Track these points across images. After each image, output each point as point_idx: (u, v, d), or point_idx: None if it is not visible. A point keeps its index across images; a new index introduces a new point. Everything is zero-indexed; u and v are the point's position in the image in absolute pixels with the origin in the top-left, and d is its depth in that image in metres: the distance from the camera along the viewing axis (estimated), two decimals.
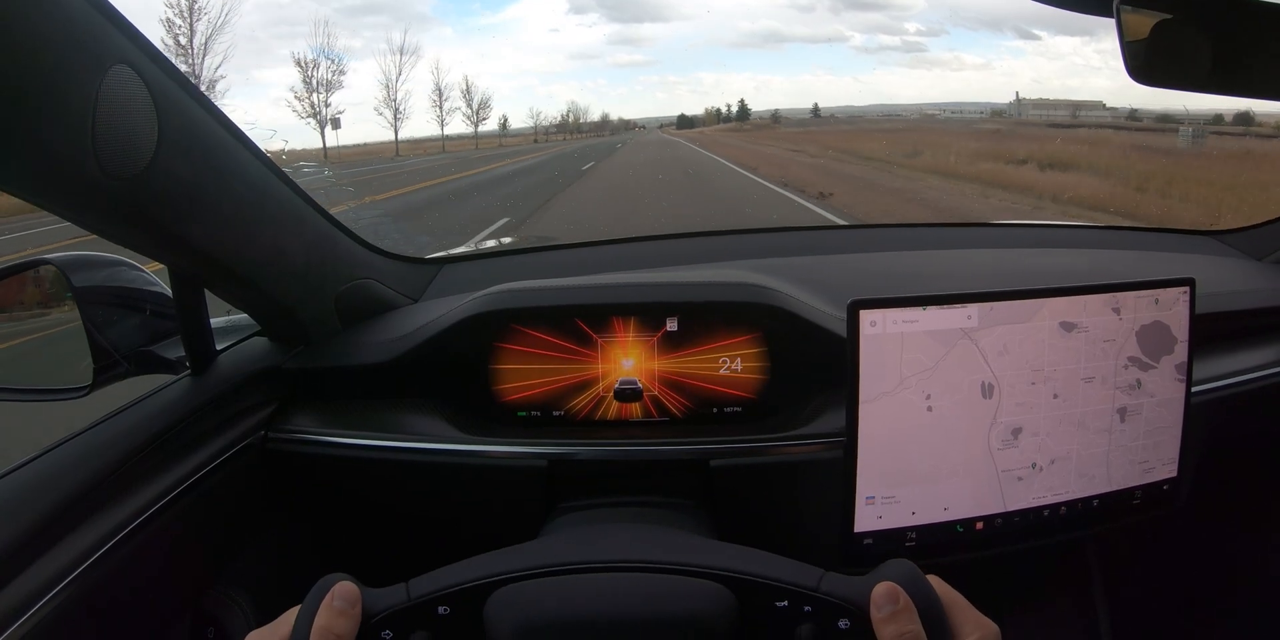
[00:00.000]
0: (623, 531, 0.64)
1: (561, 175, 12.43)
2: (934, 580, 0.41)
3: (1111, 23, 0.61)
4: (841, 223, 5.75)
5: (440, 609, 0.41)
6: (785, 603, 0.41)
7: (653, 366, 0.76)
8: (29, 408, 0.68)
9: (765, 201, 8.72)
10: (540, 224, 7.25)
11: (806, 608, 0.41)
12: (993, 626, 0.40)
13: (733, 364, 0.76)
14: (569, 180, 11.61)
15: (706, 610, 0.41)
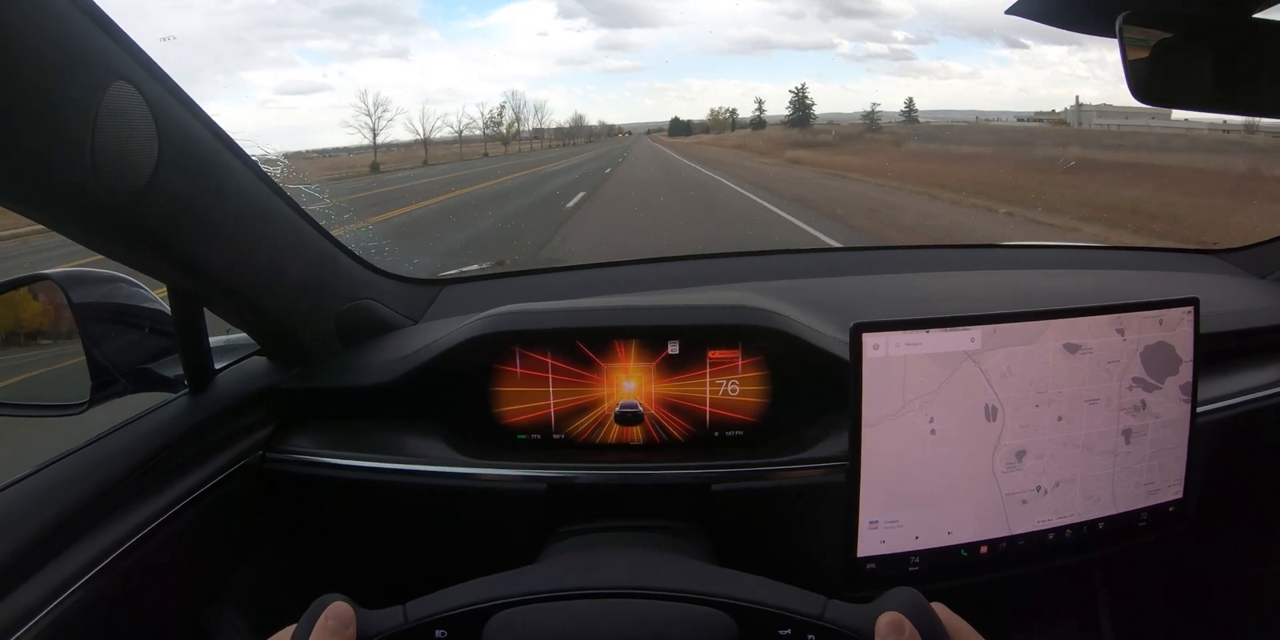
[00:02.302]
0: (623, 557, 0.63)
1: None
2: (939, 608, 0.41)
3: (1101, 35, 0.61)
4: (845, 244, 5.59)
5: (438, 633, 0.41)
6: (789, 631, 0.41)
7: (654, 390, 0.75)
8: (26, 424, 0.68)
9: None
10: None
11: (810, 636, 0.41)
12: None
13: (734, 387, 0.75)
14: None
15: (708, 638, 0.41)
